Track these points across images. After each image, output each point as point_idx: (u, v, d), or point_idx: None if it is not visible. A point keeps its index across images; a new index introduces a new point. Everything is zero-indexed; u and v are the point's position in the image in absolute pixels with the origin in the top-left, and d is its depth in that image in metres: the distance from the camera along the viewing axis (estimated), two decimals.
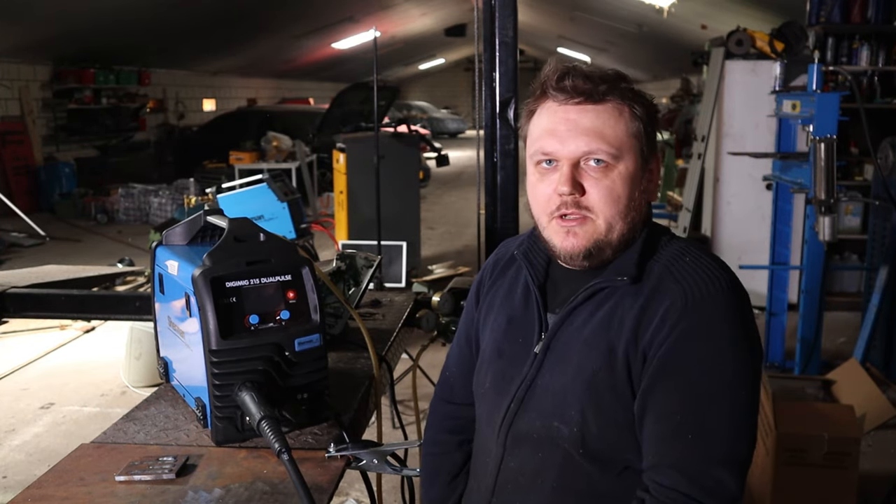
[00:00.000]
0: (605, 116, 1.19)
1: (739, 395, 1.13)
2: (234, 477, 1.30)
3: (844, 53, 5.39)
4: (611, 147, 1.18)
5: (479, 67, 2.68)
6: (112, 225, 10.14)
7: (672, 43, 12.91)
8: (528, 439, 1.24)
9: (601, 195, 1.19)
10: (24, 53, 10.91)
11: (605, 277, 1.21)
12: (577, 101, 1.19)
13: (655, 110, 1.24)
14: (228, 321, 1.33)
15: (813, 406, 3.42)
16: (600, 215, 1.20)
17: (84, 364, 4.96)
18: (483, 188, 2.72)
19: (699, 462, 1.11)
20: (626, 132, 1.20)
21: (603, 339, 1.18)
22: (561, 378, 1.22)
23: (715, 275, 1.17)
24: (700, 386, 1.12)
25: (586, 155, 1.19)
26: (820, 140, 3.73)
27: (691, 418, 1.12)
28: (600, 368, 1.18)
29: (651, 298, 1.17)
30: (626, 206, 1.20)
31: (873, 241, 4.86)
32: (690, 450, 1.11)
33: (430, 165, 12.53)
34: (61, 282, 2.97)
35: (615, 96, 1.20)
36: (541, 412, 1.23)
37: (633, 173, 1.20)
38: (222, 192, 3.46)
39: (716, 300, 1.14)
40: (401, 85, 18.98)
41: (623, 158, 1.20)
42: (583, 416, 1.18)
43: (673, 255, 1.21)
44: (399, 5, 15.13)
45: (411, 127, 6.95)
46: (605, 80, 1.20)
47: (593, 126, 1.19)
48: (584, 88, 1.19)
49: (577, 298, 1.23)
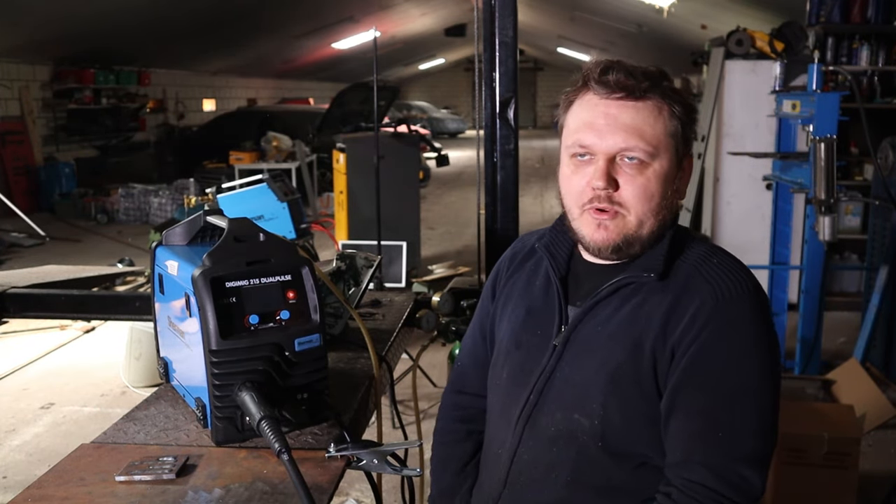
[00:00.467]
0: (645, 114, 1.20)
1: (765, 394, 1.15)
2: (234, 477, 1.30)
3: (844, 53, 5.40)
4: (648, 145, 1.19)
5: (479, 67, 2.68)
6: (112, 225, 10.14)
7: (672, 43, 12.91)
8: (546, 432, 1.25)
9: (635, 192, 1.20)
10: (24, 53, 10.91)
11: (631, 273, 1.22)
12: (618, 97, 1.20)
13: (694, 111, 1.26)
14: (228, 321, 1.33)
15: (813, 406, 3.42)
16: (632, 211, 1.21)
17: (84, 364, 4.96)
18: (483, 188, 2.72)
19: (726, 459, 1.13)
20: (664, 131, 1.21)
21: (629, 334, 1.19)
22: (582, 371, 1.22)
23: (741, 277, 1.20)
24: (728, 385, 1.14)
25: (623, 151, 1.20)
26: (820, 140, 3.73)
27: (720, 417, 1.14)
28: (625, 362, 1.19)
29: (681, 296, 1.18)
30: (658, 203, 1.21)
31: (873, 241, 4.86)
32: (718, 447, 1.14)
33: (430, 165, 12.53)
34: (61, 282, 2.97)
35: (656, 94, 1.20)
36: (561, 404, 1.24)
37: (667, 172, 1.21)
38: (222, 192, 3.46)
39: (743, 301, 1.17)
40: (401, 85, 18.96)
41: (659, 157, 1.21)
42: (605, 409, 1.19)
43: (701, 255, 1.23)
44: (399, 5, 15.13)
45: (411, 127, 6.95)
46: (648, 78, 1.20)
47: (633, 123, 1.19)
48: (626, 84, 1.19)
49: (603, 292, 1.23)
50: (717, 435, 1.14)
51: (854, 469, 2.95)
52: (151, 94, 14.49)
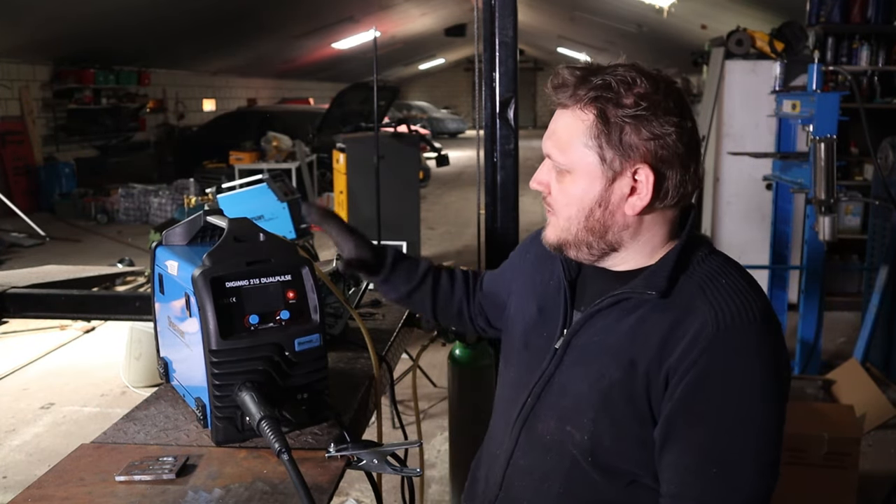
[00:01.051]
0: (566, 122, 1.16)
1: (767, 431, 1.10)
2: (234, 477, 1.30)
3: (844, 53, 5.40)
4: (561, 155, 1.16)
5: (479, 67, 2.68)
6: (112, 225, 10.14)
7: (672, 43, 12.92)
8: (541, 440, 1.23)
9: (556, 197, 1.20)
10: (24, 53, 10.92)
11: (632, 288, 1.16)
12: (557, 104, 1.19)
13: (649, 109, 1.10)
14: (228, 321, 1.33)
15: (813, 406, 3.42)
16: (559, 215, 1.20)
17: (84, 364, 4.96)
18: (483, 188, 2.72)
19: (722, 499, 1.09)
20: (580, 143, 1.14)
21: (625, 351, 1.14)
22: (577, 382, 1.20)
23: (749, 302, 1.10)
24: (727, 420, 1.08)
25: (549, 157, 1.20)
26: (820, 140, 3.73)
27: (716, 454, 1.08)
28: (619, 381, 1.14)
29: (681, 318, 1.11)
30: (578, 212, 1.17)
31: (873, 241, 4.86)
32: (714, 485, 1.09)
33: (430, 165, 12.53)
34: (61, 282, 2.97)
35: (580, 101, 1.13)
36: (556, 413, 1.22)
37: (584, 187, 1.15)
38: (222, 192, 3.46)
39: (747, 330, 1.08)
40: (401, 85, 18.97)
41: (575, 170, 1.16)
42: (595, 426, 1.16)
43: (709, 274, 1.15)
44: (399, 5, 15.13)
45: (411, 127, 6.94)
46: (578, 83, 1.14)
47: (556, 130, 1.18)
48: (556, 91, 1.17)
49: (602, 303, 1.19)
50: (712, 472, 1.08)
51: (854, 469, 2.95)
52: (151, 94, 14.49)
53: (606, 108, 1.11)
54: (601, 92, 1.11)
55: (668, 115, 1.11)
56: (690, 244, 1.19)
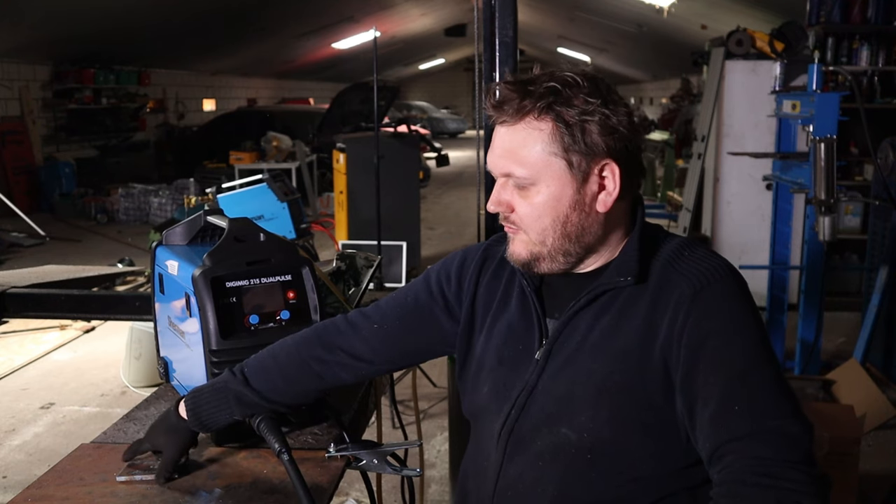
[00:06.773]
0: (521, 136, 1.15)
1: (769, 360, 1.12)
2: (234, 477, 1.30)
3: (844, 53, 5.40)
4: (523, 169, 1.15)
5: (479, 67, 2.68)
6: (112, 225, 10.14)
7: (672, 43, 12.92)
8: (531, 447, 1.22)
9: (524, 213, 1.18)
10: (24, 53, 10.92)
11: (606, 279, 1.19)
12: (501, 121, 1.17)
13: (601, 104, 1.12)
14: (228, 321, 1.33)
15: (813, 406, 3.41)
16: (529, 231, 1.18)
17: (84, 364, 4.96)
18: (483, 188, 2.73)
19: (771, 418, 1.07)
20: (543, 151, 1.14)
21: (612, 344, 1.16)
22: (567, 384, 1.19)
23: (714, 263, 1.17)
24: (732, 359, 1.10)
25: (507, 176, 1.18)
26: (820, 140, 3.73)
27: (745, 389, 1.08)
28: (611, 372, 1.15)
29: (658, 297, 1.15)
30: (553, 222, 1.17)
31: (873, 241, 4.86)
32: (755, 414, 1.07)
33: (430, 165, 12.54)
34: (61, 282, 2.97)
35: (531, 113, 1.13)
36: (545, 419, 1.21)
37: (556, 193, 1.15)
38: (222, 192, 3.46)
39: (723, 283, 1.14)
40: (401, 85, 18.95)
41: (542, 180, 1.15)
42: (594, 422, 1.16)
43: (672, 251, 1.20)
44: (399, 5, 15.14)
45: (411, 127, 6.95)
46: (524, 95, 1.13)
47: (510, 146, 1.16)
48: (499, 108, 1.16)
49: (580, 302, 1.20)
50: (748, 405, 1.07)
51: (854, 469, 2.95)
52: (151, 94, 14.50)
53: (562, 112, 1.12)
54: (552, 97, 1.12)
55: (616, 105, 1.14)
56: (647, 230, 1.23)
